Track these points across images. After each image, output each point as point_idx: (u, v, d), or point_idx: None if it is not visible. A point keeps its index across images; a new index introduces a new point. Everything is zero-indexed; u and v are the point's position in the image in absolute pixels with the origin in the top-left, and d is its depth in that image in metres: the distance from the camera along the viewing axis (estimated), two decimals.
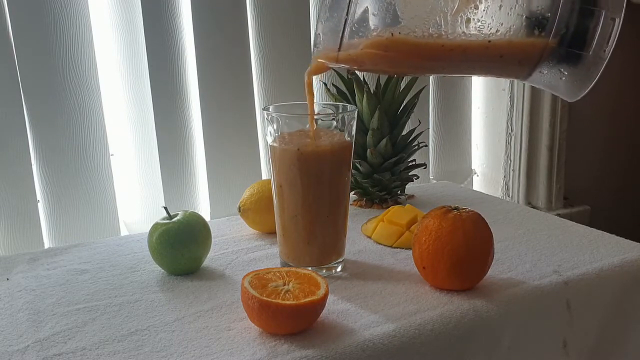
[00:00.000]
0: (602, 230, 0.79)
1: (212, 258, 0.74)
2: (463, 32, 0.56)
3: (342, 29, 0.56)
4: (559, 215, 1.19)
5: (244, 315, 0.58)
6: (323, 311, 0.57)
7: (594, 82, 0.58)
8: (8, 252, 0.86)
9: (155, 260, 0.70)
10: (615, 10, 0.55)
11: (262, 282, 0.57)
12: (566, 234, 0.79)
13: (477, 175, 1.33)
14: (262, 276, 0.58)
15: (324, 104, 0.87)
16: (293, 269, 0.61)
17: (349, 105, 0.69)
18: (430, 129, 1.19)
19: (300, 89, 1.01)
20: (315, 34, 0.60)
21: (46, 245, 0.89)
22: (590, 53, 0.56)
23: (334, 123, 0.66)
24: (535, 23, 0.57)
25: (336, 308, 0.61)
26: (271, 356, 0.53)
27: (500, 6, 0.56)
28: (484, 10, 0.56)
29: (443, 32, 0.56)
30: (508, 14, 0.56)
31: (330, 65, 0.62)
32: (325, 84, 0.99)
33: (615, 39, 0.55)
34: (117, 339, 0.56)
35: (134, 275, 0.70)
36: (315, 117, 0.68)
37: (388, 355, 0.55)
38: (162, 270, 0.71)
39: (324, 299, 0.56)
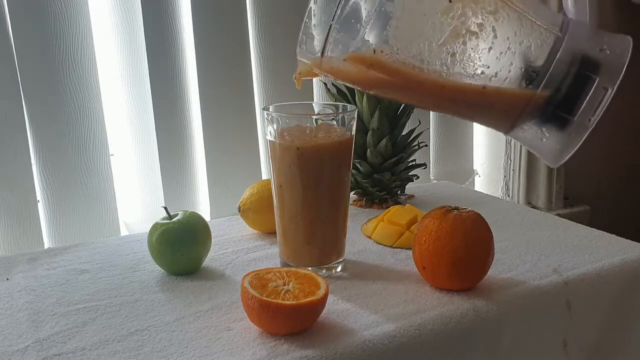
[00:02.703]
0: (602, 230, 0.79)
1: (212, 258, 0.74)
2: (446, 65, 0.54)
3: (326, 35, 0.54)
4: (559, 215, 1.19)
5: (244, 315, 0.58)
6: (323, 311, 0.57)
7: (574, 150, 0.55)
8: (8, 252, 0.86)
9: (155, 260, 0.70)
10: (610, 81, 0.53)
11: (262, 282, 0.57)
12: (566, 234, 0.79)
13: (479, 176, 1.32)
14: (262, 276, 0.58)
15: (324, 104, 0.87)
16: (293, 269, 0.61)
17: (349, 105, 0.69)
18: (430, 129, 1.19)
19: (300, 88, 1.02)
20: (301, 33, 0.58)
21: (46, 245, 0.89)
22: (575, 119, 0.54)
23: (334, 123, 0.66)
24: (525, 75, 0.54)
25: (336, 308, 0.61)
26: (271, 356, 0.53)
27: (490, 48, 0.53)
28: (471, 48, 0.53)
29: (426, 61, 0.54)
30: (497, 58, 0.54)
31: (314, 71, 0.60)
32: (325, 83, 0.99)
33: (603, 110, 0.53)
34: (117, 339, 0.56)
35: (134, 275, 0.70)
36: (316, 117, 0.68)
37: (388, 355, 0.55)
38: (162, 270, 0.71)
39: (324, 299, 0.56)
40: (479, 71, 0.54)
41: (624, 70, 0.53)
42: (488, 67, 0.54)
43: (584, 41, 0.54)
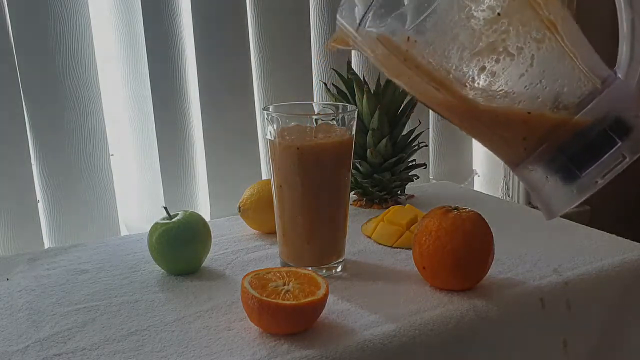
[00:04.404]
0: (602, 230, 0.79)
1: (212, 258, 0.74)
2: (471, 76, 0.51)
3: (367, 6, 0.52)
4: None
5: (244, 315, 0.58)
6: (323, 311, 0.57)
7: (571, 207, 0.53)
8: (8, 252, 0.86)
9: (155, 260, 0.70)
10: (631, 150, 0.50)
11: (262, 282, 0.57)
12: (566, 234, 0.79)
13: (479, 176, 1.32)
14: (262, 276, 0.58)
15: (324, 103, 0.87)
16: (293, 269, 0.61)
17: (349, 105, 0.69)
18: (430, 129, 1.19)
19: (300, 88, 1.02)
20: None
21: (46, 245, 0.89)
22: (583, 176, 0.52)
23: (334, 123, 0.66)
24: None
25: (336, 308, 0.61)
26: (271, 356, 0.53)
27: (522, 75, 0.51)
28: (503, 68, 0.51)
29: (454, 65, 0.51)
30: (526, 87, 0.51)
31: (348, 40, 0.56)
32: (325, 84, 0.99)
33: (612, 177, 0.51)
34: (117, 339, 0.56)
35: (134, 275, 0.70)
36: (316, 117, 0.68)
37: (388, 355, 0.55)
38: (162, 270, 0.71)
39: (324, 299, 0.56)
40: (502, 93, 0.52)
41: None
42: (513, 93, 0.52)
43: (621, 102, 0.51)
